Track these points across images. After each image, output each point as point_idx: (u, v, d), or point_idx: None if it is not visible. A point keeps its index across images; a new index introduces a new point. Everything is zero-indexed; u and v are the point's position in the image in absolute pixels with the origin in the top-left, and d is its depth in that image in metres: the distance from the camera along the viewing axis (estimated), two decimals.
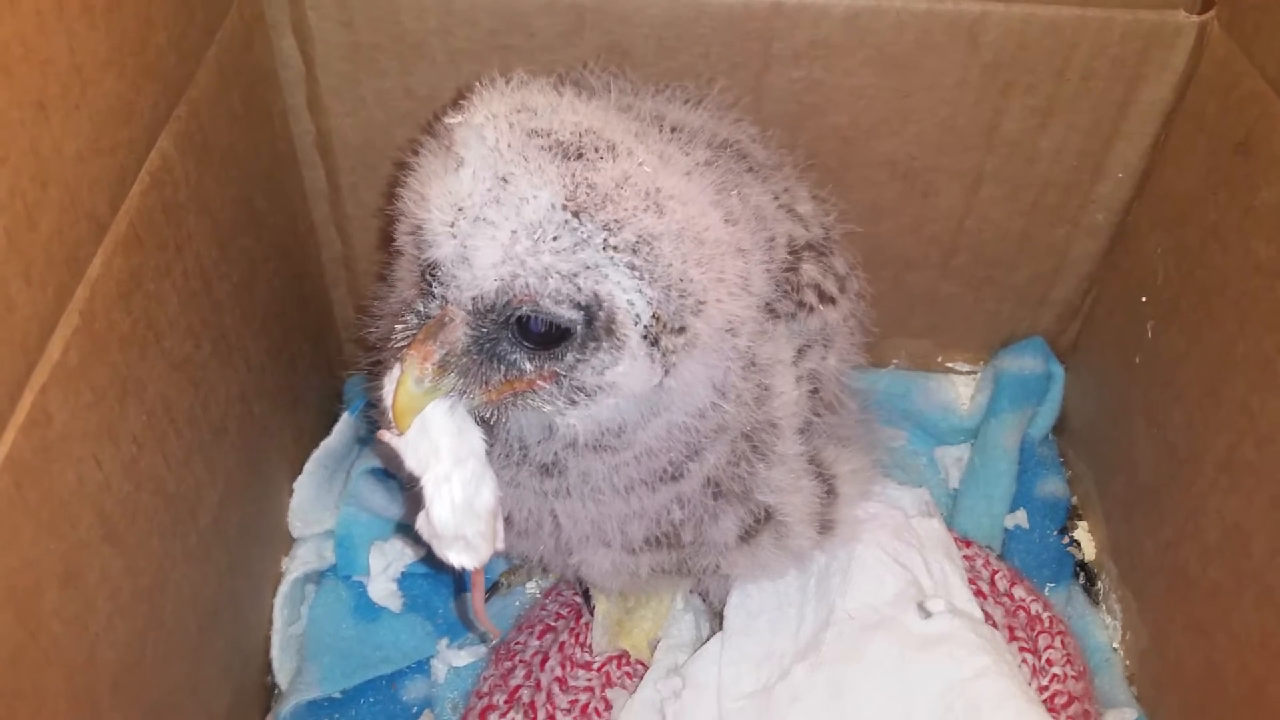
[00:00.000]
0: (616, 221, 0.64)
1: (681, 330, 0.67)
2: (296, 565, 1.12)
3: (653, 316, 0.66)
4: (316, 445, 1.16)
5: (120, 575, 0.76)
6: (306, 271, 1.18)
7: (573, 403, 0.69)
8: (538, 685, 1.01)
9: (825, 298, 0.87)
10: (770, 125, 1.02)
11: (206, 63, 0.90)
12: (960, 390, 1.33)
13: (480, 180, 0.64)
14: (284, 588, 1.09)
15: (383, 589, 1.11)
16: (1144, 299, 1.12)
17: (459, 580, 1.11)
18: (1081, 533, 1.22)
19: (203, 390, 0.90)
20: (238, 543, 0.99)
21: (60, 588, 0.68)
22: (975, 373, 1.34)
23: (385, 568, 1.12)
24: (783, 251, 0.84)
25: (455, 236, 0.65)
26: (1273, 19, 0.93)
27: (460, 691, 1.07)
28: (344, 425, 1.18)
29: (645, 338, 0.66)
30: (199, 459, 0.89)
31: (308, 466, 1.15)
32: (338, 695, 1.05)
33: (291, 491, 1.14)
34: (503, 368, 0.68)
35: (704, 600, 1.04)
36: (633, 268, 0.64)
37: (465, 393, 0.68)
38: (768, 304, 0.80)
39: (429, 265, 0.67)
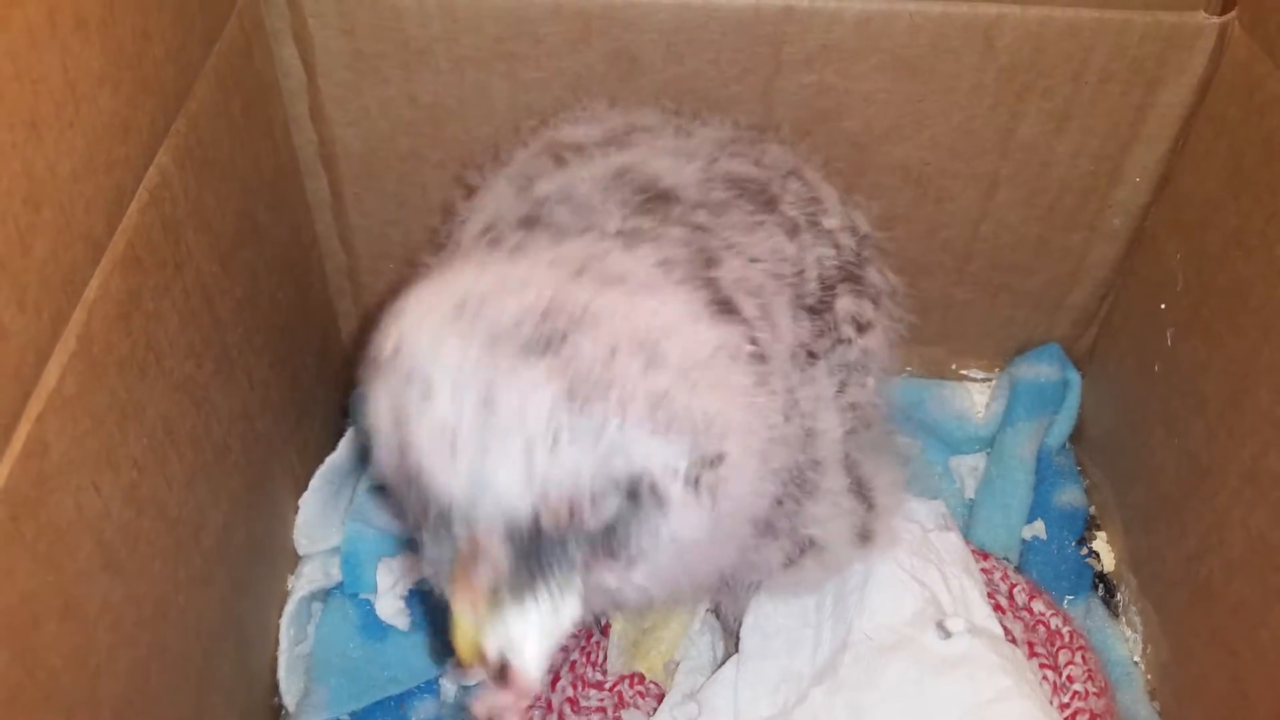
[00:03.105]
0: (625, 396, 0.60)
1: (718, 460, 0.64)
2: (303, 583, 1.10)
3: (689, 464, 0.62)
4: (322, 461, 1.14)
5: (121, 604, 0.74)
6: (310, 284, 1.16)
7: (635, 563, 0.65)
8: (548, 706, 0.99)
9: (863, 326, 0.84)
10: (781, 131, 1.00)
11: (205, 74, 0.88)
12: (975, 398, 1.30)
13: (463, 406, 0.59)
14: (290, 607, 1.08)
15: (390, 606, 1.09)
16: (1163, 305, 1.09)
17: None
18: (1100, 543, 1.20)
19: (205, 410, 0.88)
20: (242, 563, 0.98)
21: (59, 621, 0.66)
22: (990, 380, 1.32)
23: (392, 585, 1.10)
24: (814, 285, 0.80)
25: (458, 474, 0.60)
26: None
27: (470, 711, 1.05)
28: (349, 440, 1.16)
29: (687, 485, 0.63)
30: (202, 480, 0.87)
31: (313, 482, 1.13)
32: (346, 718, 1.03)
33: (297, 508, 1.12)
34: (554, 572, 0.63)
35: (718, 618, 1.02)
36: (654, 431, 0.61)
37: (525, 604, 0.63)
38: (804, 347, 0.78)
39: (432, 504, 0.62)
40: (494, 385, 0.59)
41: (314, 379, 1.17)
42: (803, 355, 0.78)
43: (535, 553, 0.62)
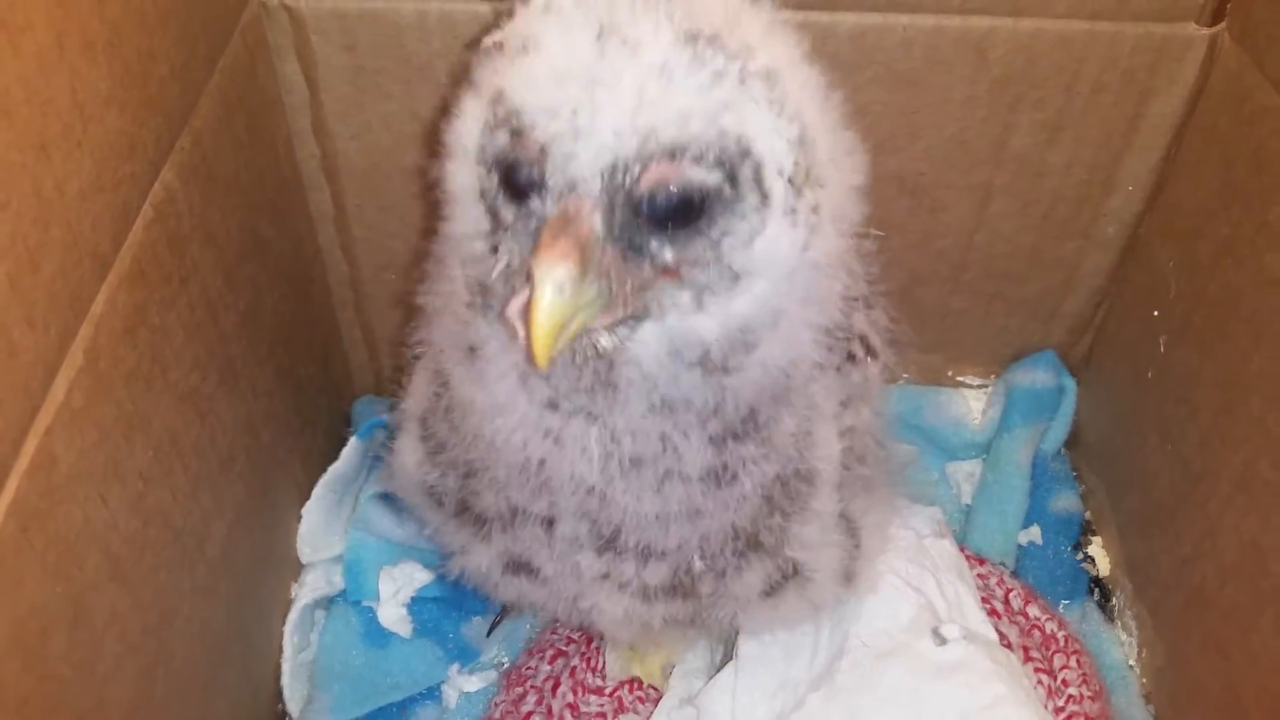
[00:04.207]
0: (748, 47, 0.56)
1: (823, 181, 0.60)
2: (306, 591, 1.11)
3: (794, 163, 0.58)
4: (325, 470, 1.16)
5: (128, 614, 0.75)
6: (313, 295, 1.17)
7: (719, 287, 0.59)
8: (549, 711, 1.00)
9: (870, 351, 0.85)
10: None
11: (209, 91, 0.89)
12: (971, 405, 1.31)
13: (575, 42, 0.55)
14: (293, 614, 1.09)
15: (393, 614, 1.10)
16: (1156, 313, 1.11)
17: (470, 604, 1.11)
18: (1095, 548, 1.21)
19: (210, 421, 0.89)
20: (247, 572, 0.99)
21: (68, 631, 0.68)
22: (986, 387, 1.33)
23: (395, 592, 1.11)
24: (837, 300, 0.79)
25: (561, 110, 0.55)
26: None
27: (471, 718, 1.06)
28: (352, 449, 1.18)
29: (791, 189, 0.58)
30: (206, 490, 0.89)
31: (316, 491, 1.14)
32: None
33: (300, 517, 1.13)
34: (645, 260, 0.58)
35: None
36: (771, 102, 0.57)
37: (610, 302, 0.58)
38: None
39: (524, 163, 0.57)
40: (612, 19, 0.56)
41: (317, 389, 1.19)
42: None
43: (627, 228, 0.57)
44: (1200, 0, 0.97)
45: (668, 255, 0.58)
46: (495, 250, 0.61)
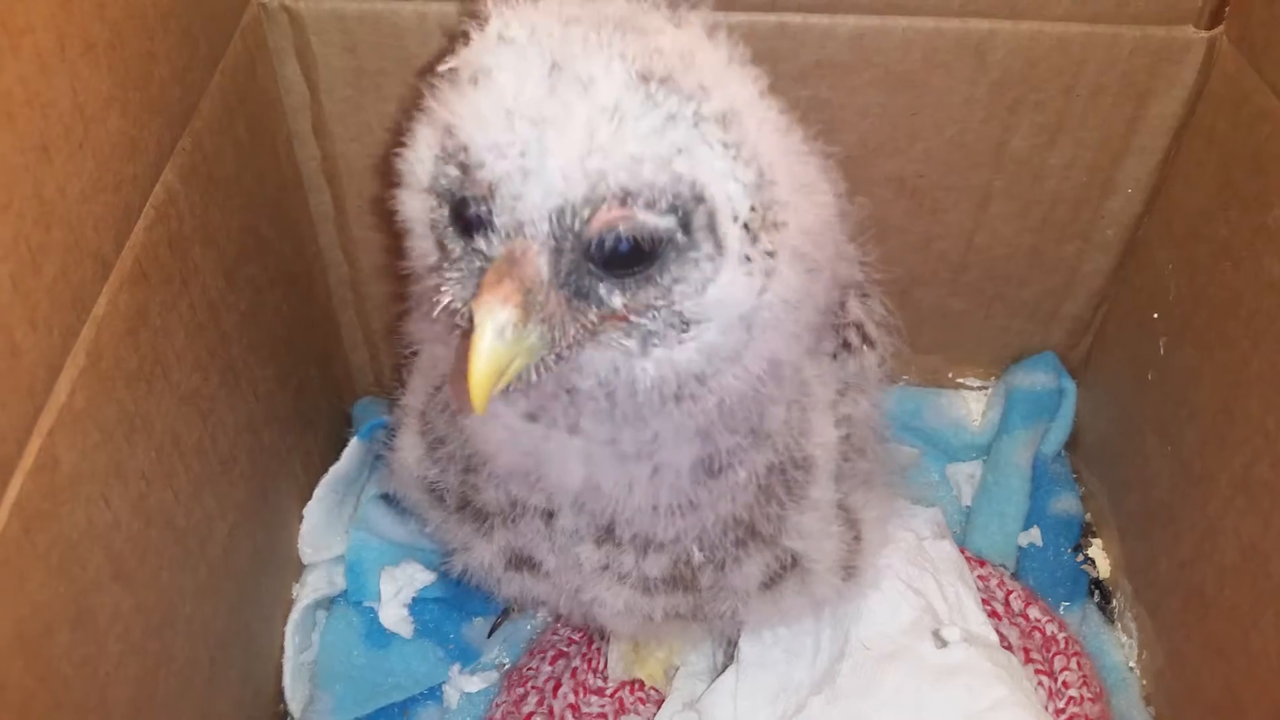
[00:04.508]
0: (703, 88, 0.55)
1: (780, 224, 0.58)
2: (307, 592, 1.11)
3: (750, 209, 0.57)
4: (326, 470, 1.16)
5: (131, 614, 0.75)
6: (314, 296, 1.18)
7: (668, 334, 0.58)
8: (550, 712, 1.00)
9: (866, 340, 0.84)
10: None
11: (210, 93, 0.89)
12: (971, 406, 1.32)
13: (526, 77, 0.54)
14: (295, 615, 1.09)
15: (394, 614, 1.10)
16: (1155, 315, 1.11)
17: (471, 605, 1.11)
18: (1095, 550, 1.21)
19: (211, 422, 0.89)
20: (248, 572, 0.99)
21: (70, 630, 0.68)
22: (986, 388, 1.33)
23: (396, 593, 1.11)
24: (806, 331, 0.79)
25: (509, 150, 0.53)
26: None
27: (473, 718, 1.07)
28: (353, 449, 1.18)
29: (747, 235, 0.57)
30: (208, 491, 0.89)
31: (317, 492, 1.14)
32: None
33: (302, 518, 1.13)
34: (591, 306, 0.56)
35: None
36: (726, 146, 0.55)
37: (554, 346, 0.56)
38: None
39: (471, 200, 0.56)
40: (566, 52, 0.54)
41: (318, 390, 1.19)
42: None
43: (573, 273, 0.55)
44: (1199, 3, 0.97)
45: (616, 301, 0.57)
46: (438, 288, 0.60)
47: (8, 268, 0.61)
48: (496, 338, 0.54)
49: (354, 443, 1.19)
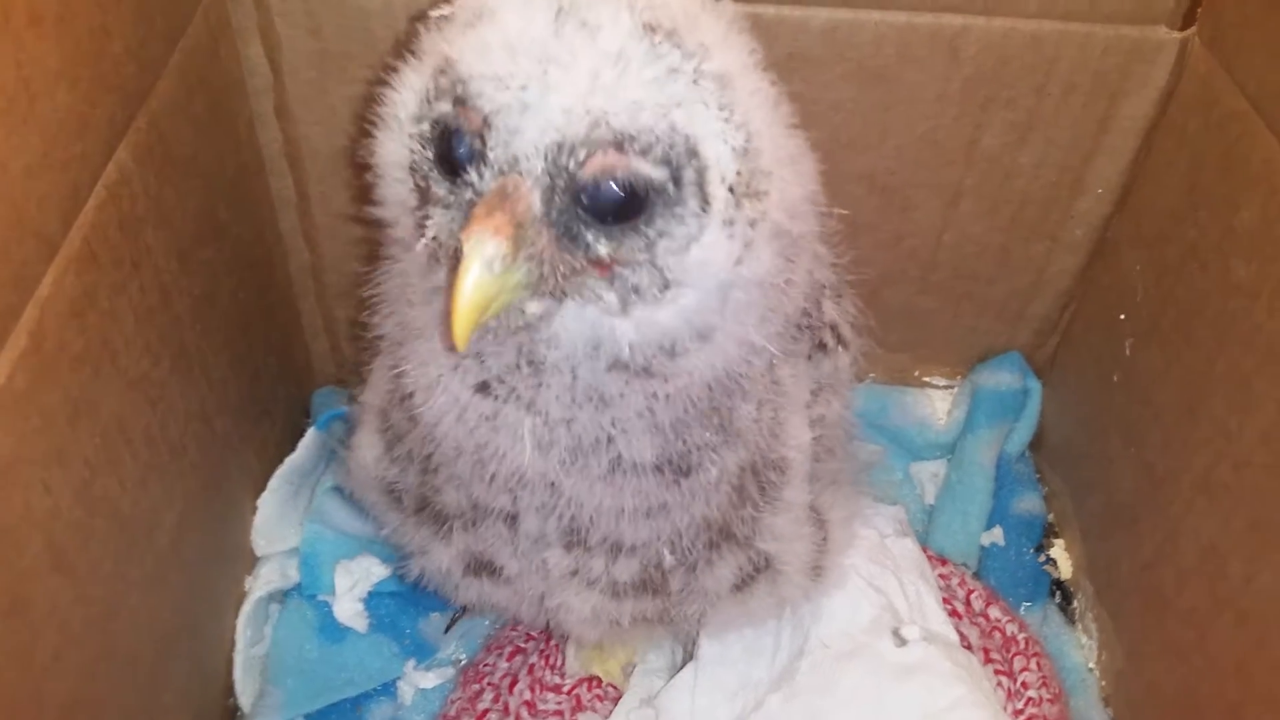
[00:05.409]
0: (704, 47, 0.56)
1: (762, 194, 0.58)
2: (260, 584, 1.09)
3: (736, 173, 0.57)
4: (281, 461, 1.13)
5: (70, 605, 0.73)
6: (273, 282, 1.15)
7: (649, 292, 0.58)
8: (505, 709, 0.99)
9: (840, 341, 0.84)
10: None
11: (169, 72, 0.87)
12: (937, 405, 1.31)
13: (532, 18, 0.54)
14: (247, 607, 1.07)
15: (348, 609, 1.08)
16: (1122, 316, 1.11)
17: (428, 600, 1.09)
18: (1058, 550, 1.21)
19: (160, 408, 0.87)
20: (198, 564, 0.97)
21: (3, 619, 0.66)
22: (952, 388, 1.32)
23: (351, 587, 1.09)
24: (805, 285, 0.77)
25: (511, 82, 0.54)
26: (1254, 36, 0.92)
27: (427, 714, 1.05)
28: (310, 440, 1.16)
29: (731, 198, 0.57)
30: (156, 480, 0.86)
31: (272, 483, 1.12)
32: (301, 719, 1.02)
33: (255, 509, 1.11)
34: (579, 249, 0.56)
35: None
36: (721, 107, 0.56)
37: (536, 288, 0.56)
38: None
39: (465, 135, 0.55)
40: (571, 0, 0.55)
41: (275, 378, 1.16)
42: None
43: (563, 214, 0.56)
44: (1171, 4, 0.97)
45: (602, 249, 0.57)
46: (421, 226, 0.59)
47: None
48: (485, 269, 0.53)
49: (311, 433, 1.17)
